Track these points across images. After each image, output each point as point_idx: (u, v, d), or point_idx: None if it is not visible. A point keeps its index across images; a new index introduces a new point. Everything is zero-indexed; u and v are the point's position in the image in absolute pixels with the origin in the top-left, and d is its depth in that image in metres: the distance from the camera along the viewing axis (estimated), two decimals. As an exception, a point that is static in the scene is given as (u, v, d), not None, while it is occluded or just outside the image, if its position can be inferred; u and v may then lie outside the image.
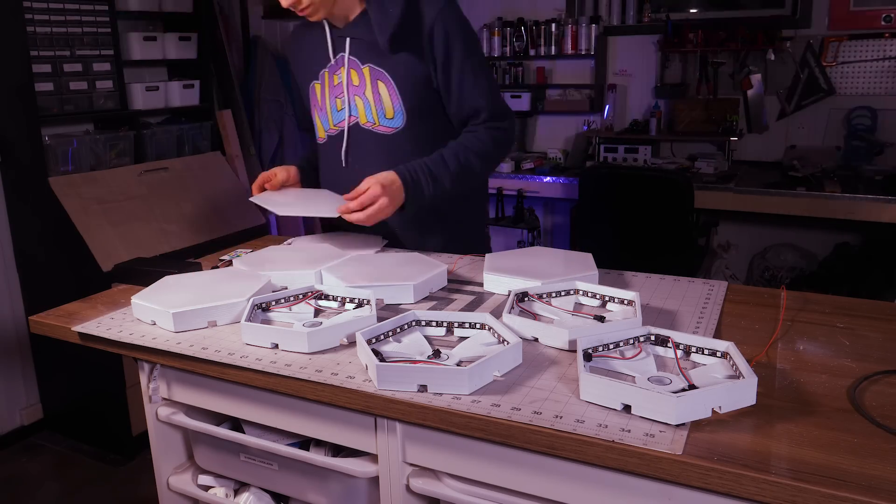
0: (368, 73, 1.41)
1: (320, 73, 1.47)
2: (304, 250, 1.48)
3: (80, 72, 2.68)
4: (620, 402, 0.83)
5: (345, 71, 1.42)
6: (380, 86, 1.41)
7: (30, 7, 2.48)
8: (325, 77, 1.46)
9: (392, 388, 0.91)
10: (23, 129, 2.54)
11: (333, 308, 1.21)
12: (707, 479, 0.74)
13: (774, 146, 3.79)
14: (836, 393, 0.88)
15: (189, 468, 1.30)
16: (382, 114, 1.44)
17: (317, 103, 1.50)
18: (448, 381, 0.90)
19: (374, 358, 0.93)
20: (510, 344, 0.96)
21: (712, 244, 3.93)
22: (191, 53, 3.15)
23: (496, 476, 0.91)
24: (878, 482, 0.69)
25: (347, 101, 1.44)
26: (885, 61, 3.47)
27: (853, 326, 1.10)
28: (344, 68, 1.43)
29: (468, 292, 1.29)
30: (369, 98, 1.42)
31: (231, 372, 1.03)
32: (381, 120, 1.44)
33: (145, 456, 2.62)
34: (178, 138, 3.10)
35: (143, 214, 2.72)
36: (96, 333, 1.14)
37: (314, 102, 1.50)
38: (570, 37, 3.96)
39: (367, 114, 1.44)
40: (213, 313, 1.14)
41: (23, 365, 2.82)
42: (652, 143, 3.83)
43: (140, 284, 1.32)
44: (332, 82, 1.45)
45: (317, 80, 1.48)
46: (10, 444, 2.78)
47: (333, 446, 1.12)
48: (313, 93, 1.49)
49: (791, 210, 3.20)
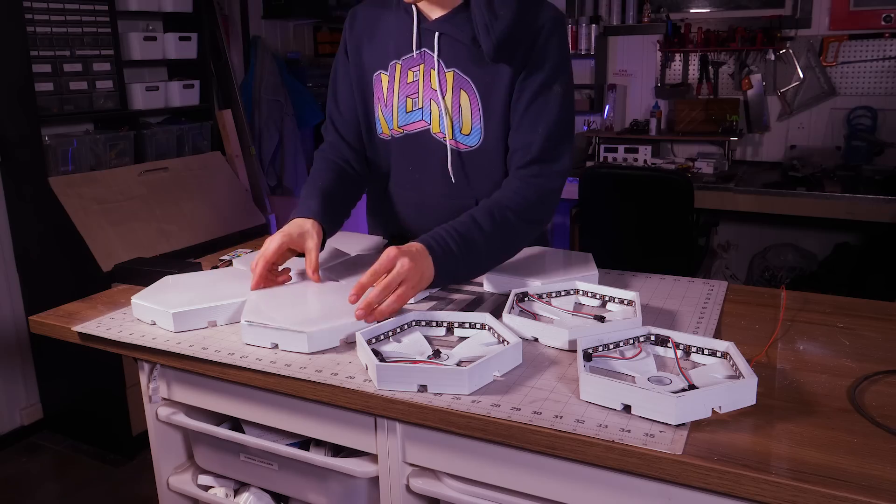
0: (451, 79, 1.22)
1: (390, 65, 1.27)
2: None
3: (80, 72, 2.68)
4: (620, 402, 0.83)
5: (423, 69, 1.23)
6: (462, 96, 1.22)
7: (30, 7, 2.48)
8: (397, 70, 1.26)
9: (392, 387, 0.91)
10: (23, 128, 2.54)
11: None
12: (707, 479, 0.74)
13: (775, 146, 3.79)
14: (836, 393, 0.88)
15: (189, 468, 1.30)
16: (458, 128, 1.25)
17: (381, 97, 1.30)
18: (448, 381, 0.90)
19: (374, 358, 0.93)
20: (510, 344, 0.96)
21: (712, 244, 3.93)
22: (191, 53, 3.15)
23: (496, 476, 0.91)
24: (878, 482, 0.69)
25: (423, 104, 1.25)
26: (886, 61, 3.47)
27: (853, 326, 1.10)
28: (422, 66, 1.23)
29: (468, 292, 1.28)
30: (447, 107, 1.23)
31: (231, 372, 1.03)
32: (457, 135, 1.26)
33: (145, 456, 2.62)
34: (178, 138, 3.10)
35: (143, 214, 2.72)
36: (96, 333, 1.14)
37: (378, 95, 1.30)
38: (570, 37, 3.96)
39: (440, 124, 1.25)
40: (213, 313, 1.14)
41: (23, 365, 2.82)
42: (652, 144, 3.84)
43: (140, 284, 1.32)
44: (404, 78, 1.25)
45: (384, 72, 1.28)
46: (9, 444, 2.78)
47: (333, 446, 1.12)
48: (378, 84, 1.29)
49: (791, 210, 3.20)
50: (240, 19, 3.71)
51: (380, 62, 1.29)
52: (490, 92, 1.23)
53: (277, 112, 3.70)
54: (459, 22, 1.20)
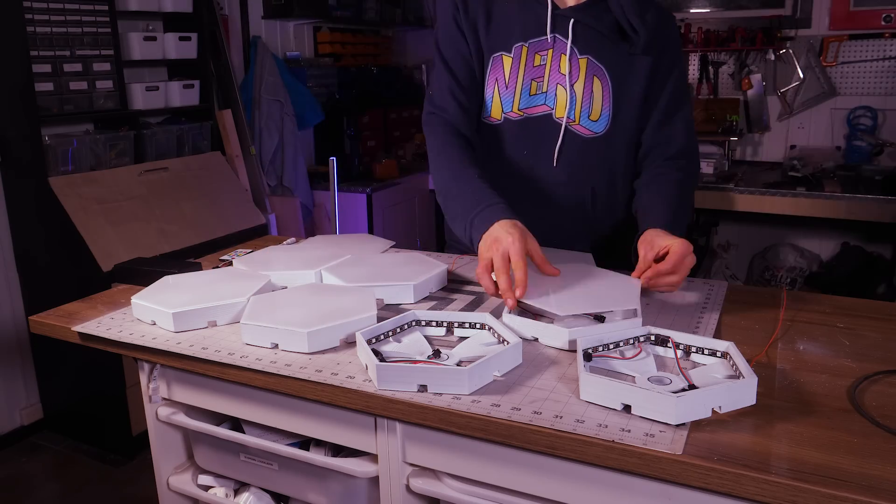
0: (585, 66, 1.23)
1: (514, 47, 1.26)
2: (304, 250, 1.48)
3: (80, 72, 2.68)
4: (620, 402, 0.83)
5: (552, 54, 1.23)
6: (595, 82, 1.23)
7: (30, 7, 2.48)
8: (523, 53, 1.25)
9: (392, 387, 0.91)
10: (23, 128, 2.54)
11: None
12: (707, 479, 0.74)
13: (775, 146, 3.79)
14: (836, 393, 0.88)
15: (189, 468, 1.30)
16: (587, 113, 1.25)
17: (501, 78, 1.27)
18: (448, 381, 0.90)
19: (374, 358, 0.93)
20: (510, 344, 0.96)
21: (712, 244, 3.93)
22: (191, 53, 3.15)
23: (496, 476, 0.91)
24: (878, 482, 0.69)
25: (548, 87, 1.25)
26: (886, 61, 3.47)
27: (853, 326, 1.10)
28: (552, 51, 1.24)
29: (468, 292, 1.28)
30: (578, 93, 1.23)
31: (231, 372, 1.03)
32: (583, 119, 1.26)
33: (145, 456, 2.62)
34: (179, 138, 3.10)
35: (143, 214, 2.72)
36: (96, 333, 1.14)
37: (497, 75, 1.27)
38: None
39: (569, 108, 1.25)
40: (213, 313, 1.14)
41: (23, 365, 2.82)
42: (652, 143, 3.83)
43: (140, 284, 1.32)
44: (531, 62, 1.24)
45: (507, 53, 1.26)
46: (10, 444, 2.78)
47: (333, 446, 1.12)
48: (497, 65, 1.27)
49: (791, 210, 3.20)
50: (240, 19, 3.71)
51: (501, 44, 1.27)
52: (624, 81, 1.25)
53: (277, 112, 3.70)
54: (597, 12, 1.23)
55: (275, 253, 1.46)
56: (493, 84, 1.29)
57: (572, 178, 1.30)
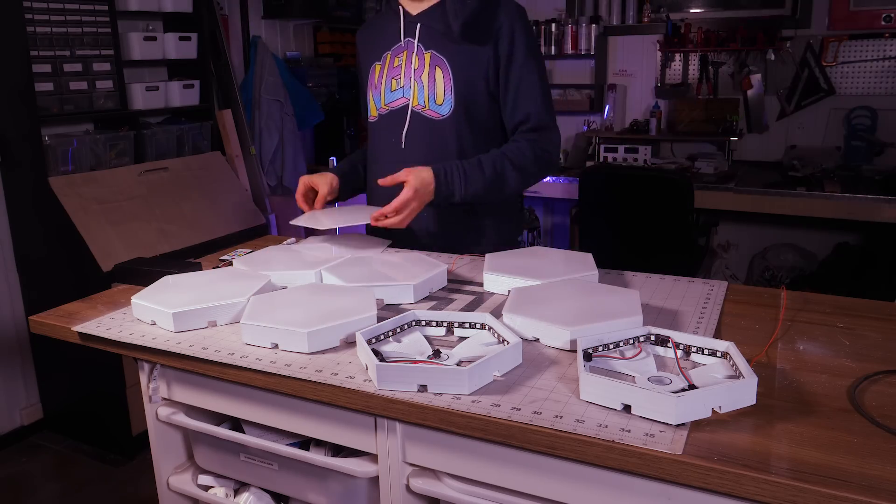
0: (429, 59, 1.46)
1: (382, 55, 1.53)
2: (304, 250, 1.48)
3: (80, 72, 2.68)
4: (621, 402, 0.84)
5: (406, 54, 1.49)
6: (437, 72, 1.46)
7: (30, 7, 2.48)
8: (387, 59, 1.52)
9: (392, 387, 0.91)
10: (23, 128, 2.54)
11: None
12: (707, 479, 0.74)
13: (774, 146, 3.79)
14: (836, 393, 0.88)
15: (189, 468, 1.30)
16: (434, 99, 1.47)
17: (373, 83, 1.54)
18: (448, 381, 0.90)
19: (374, 358, 0.93)
20: (510, 344, 0.96)
21: (712, 244, 3.93)
22: (191, 53, 3.15)
23: (496, 476, 0.91)
24: (878, 482, 0.69)
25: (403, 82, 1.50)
26: (885, 61, 3.47)
27: (853, 326, 1.10)
28: (406, 52, 1.49)
29: (468, 292, 1.29)
30: (424, 82, 1.47)
31: (231, 372, 1.03)
32: (431, 105, 1.48)
33: (145, 456, 2.62)
34: (178, 138, 3.10)
35: (143, 214, 2.72)
36: (96, 333, 1.14)
37: (371, 82, 1.54)
38: (570, 37, 3.96)
39: (419, 97, 1.48)
40: (213, 313, 1.14)
41: (23, 365, 2.82)
42: (652, 143, 3.84)
43: (140, 284, 1.32)
44: (391, 63, 1.50)
45: (378, 62, 1.53)
46: (10, 444, 2.78)
47: (333, 446, 1.12)
48: (372, 73, 1.54)
49: (791, 210, 3.20)
50: (240, 19, 3.71)
51: (375, 55, 1.54)
52: (466, 69, 1.46)
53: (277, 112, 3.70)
54: (437, 13, 1.47)
55: (275, 253, 1.46)
56: (370, 89, 1.56)
57: (426, 157, 1.48)
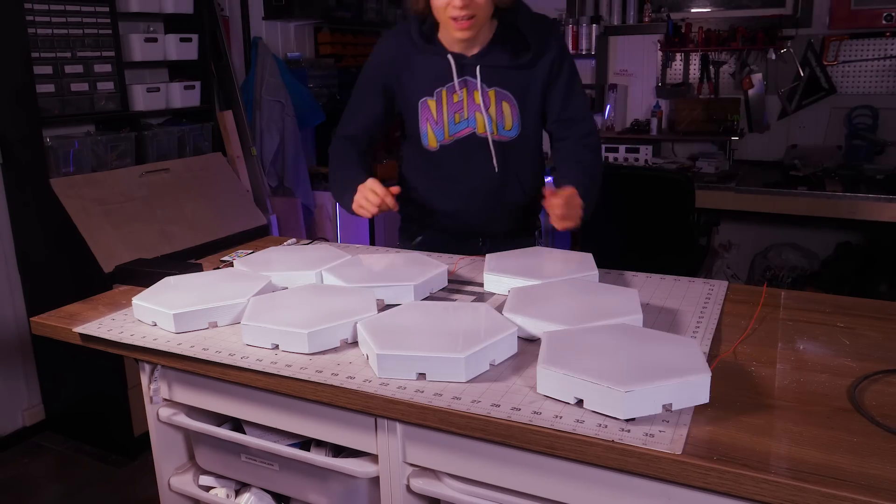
0: (494, 96, 1.58)
1: (436, 92, 1.60)
2: (304, 251, 1.48)
3: (81, 73, 2.68)
4: (574, 395, 0.85)
5: (466, 91, 1.58)
6: (504, 105, 1.59)
7: (31, 9, 2.48)
8: (444, 95, 1.60)
9: (392, 376, 0.94)
10: (24, 130, 2.54)
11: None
12: (707, 478, 0.74)
13: (775, 145, 3.79)
14: (836, 392, 0.88)
15: (190, 469, 1.30)
16: (502, 126, 1.61)
17: (431, 117, 1.63)
18: (446, 369, 0.92)
19: (374, 347, 0.95)
20: (506, 333, 0.98)
21: (713, 244, 3.93)
22: (192, 54, 3.15)
23: (496, 476, 0.91)
24: (877, 482, 0.69)
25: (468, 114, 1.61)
26: (886, 60, 3.47)
27: (853, 326, 1.10)
28: (466, 89, 1.58)
29: (468, 292, 1.29)
30: (492, 115, 1.59)
31: (232, 373, 1.03)
32: (500, 131, 1.61)
33: (147, 457, 2.62)
34: (180, 139, 3.10)
35: (144, 215, 2.73)
36: (97, 334, 1.15)
37: (427, 116, 1.63)
38: (571, 37, 3.96)
39: (487, 125, 1.59)
40: (213, 314, 1.14)
41: (24, 366, 2.82)
42: (653, 143, 3.83)
43: (141, 285, 1.33)
44: (451, 100, 1.59)
45: (431, 98, 1.61)
46: (12, 445, 2.78)
47: (334, 447, 1.12)
48: (425, 108, 1.62)
49: (792, 209, 3.19)
50: (240, 20, 3.72)
51: (424, 90, 1.62)
52: (525, 95, 1.60)
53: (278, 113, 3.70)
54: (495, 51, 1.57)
55: (275, 254, 1.46)
56: (425, 121, 1.63)
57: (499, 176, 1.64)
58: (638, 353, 0.90)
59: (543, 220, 4.42)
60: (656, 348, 0.92)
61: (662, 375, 0.84)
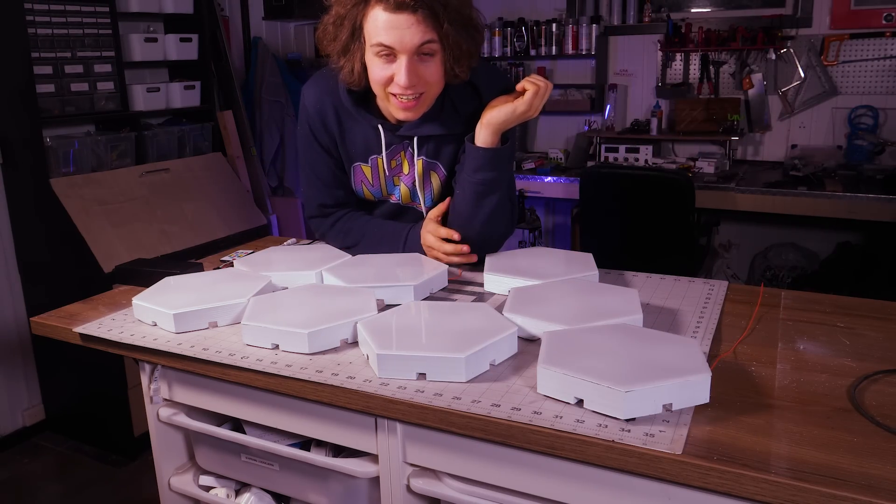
0: (421, 166, 1.48)
1: (370, 159, 1.50)
2: (304, 251, 1.48)
3: (81, 73, 2.68)
4: (574, 395, 0.85)
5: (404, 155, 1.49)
6: (432, 176, 1.50)
7: (31, 9, 2.48)
8: (380, 163, 1.50)
9: (392, 376, 0.94)
10: (24, 130, 2.54)
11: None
12: (707, 478, 0.74)
13: (776, 146, 3.79)
14: (836, 392, 0.88)
15: (190, 469, 1.30)
16: (430, 197, 1.53)
17: (365, 180, 1.54)
18: (446, 368, 0.92)
19: (375, 347, 0.95)
20: (506, 333, 0.98)
21: (713, 244, 3.93)
22: (192, 54, 3.16)
23: (496, 476, 0.91)
24: (877, 482, 0.69)
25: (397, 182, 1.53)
26: (887, 60, 3.47)
27: (853, 326, 1.10)
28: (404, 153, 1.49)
29: (468, 292, 1.29)
30: (418, 188, 1.50)
31: (232, 373, 1.03)
32: (427, 201, 1.53)
33: (147, 457, 2.62)
34: (180, 139, 3.10)
35: (144, 215, 2.73)
36: (97, 334, 1.15)
37: (361, 178, 1.54)
38: (571, 37, 3.96)
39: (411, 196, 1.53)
40: (213, 314, 1.14)
41: (24, 366, 2.82)
42: (653, 143, 3.83)
43: (141, 285, 1.33)
44: (389, 165, 1.49)
45: (365, 164, 1.52)
46: (12, 445, 2.78)
47: (334, 447, 1.12)
48: (359, 171, 1.53)
49: (793, 209, 3.19)
50: (240, 20, 3.72)
51: (357, 156, 1.51)
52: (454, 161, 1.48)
53: (278, 113, 3.71)
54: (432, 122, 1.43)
55: (276, 254, 1.46)
56: (360, 182, 1.54)
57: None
58: (638, 353, 0.90)
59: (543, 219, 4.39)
60: (656, 348, 0.92)
61: (662, 375, 0.84)
